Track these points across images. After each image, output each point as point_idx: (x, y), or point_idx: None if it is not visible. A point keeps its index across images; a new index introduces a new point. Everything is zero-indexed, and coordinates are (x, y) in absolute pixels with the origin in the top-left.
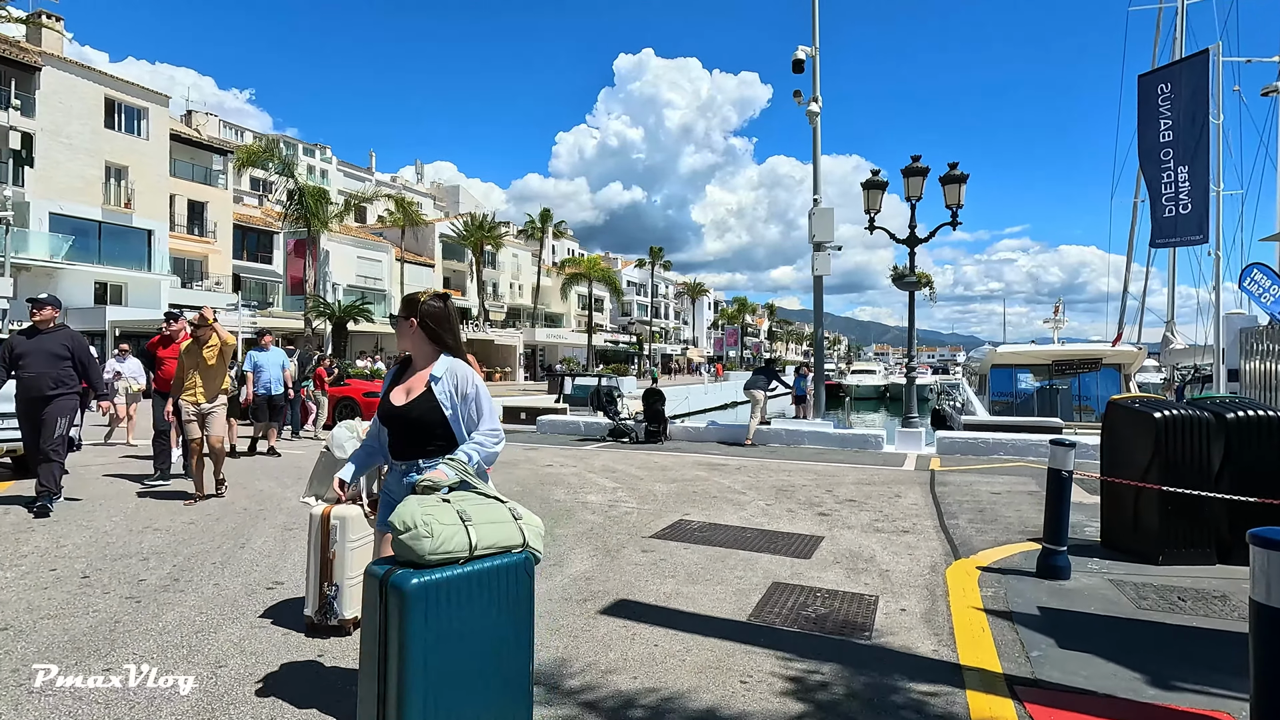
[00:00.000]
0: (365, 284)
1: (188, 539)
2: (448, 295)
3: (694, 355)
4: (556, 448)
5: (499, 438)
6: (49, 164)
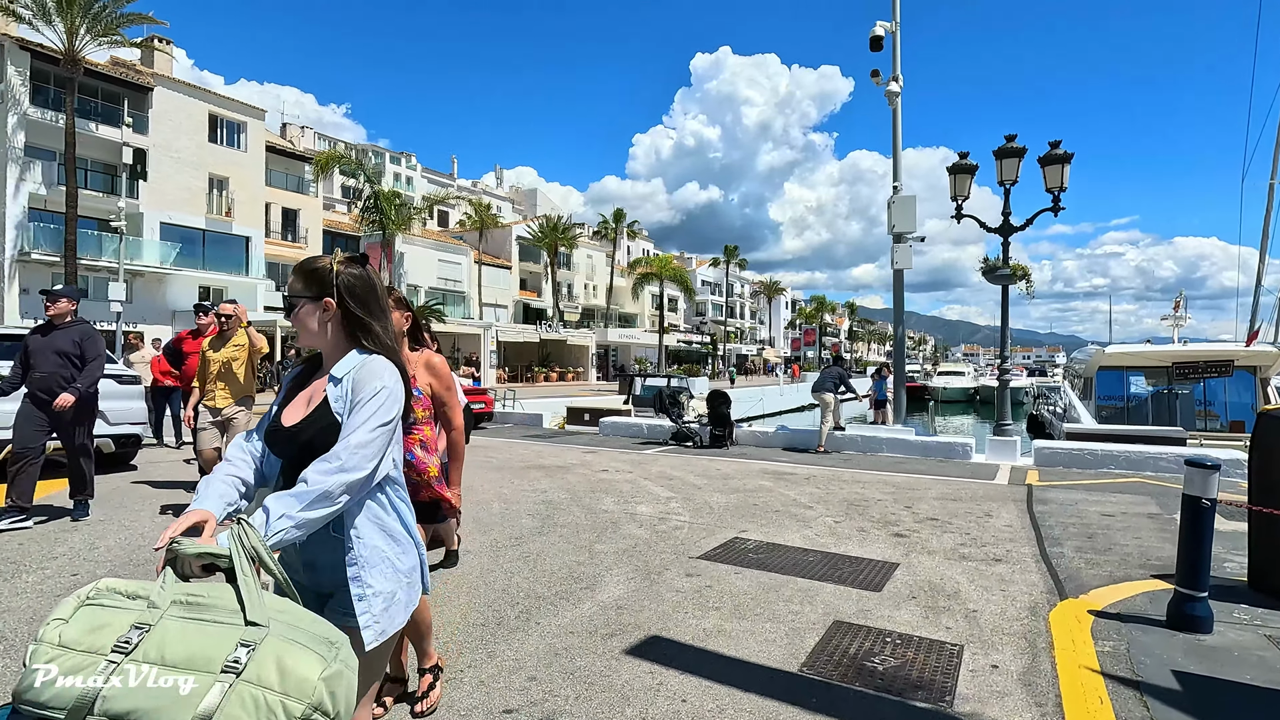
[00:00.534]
0: (446, 286)
1: None
2: (366, 257)
3: (770, 355)
4: (616, 451)
5: (348, 471)
6: (160, 177)
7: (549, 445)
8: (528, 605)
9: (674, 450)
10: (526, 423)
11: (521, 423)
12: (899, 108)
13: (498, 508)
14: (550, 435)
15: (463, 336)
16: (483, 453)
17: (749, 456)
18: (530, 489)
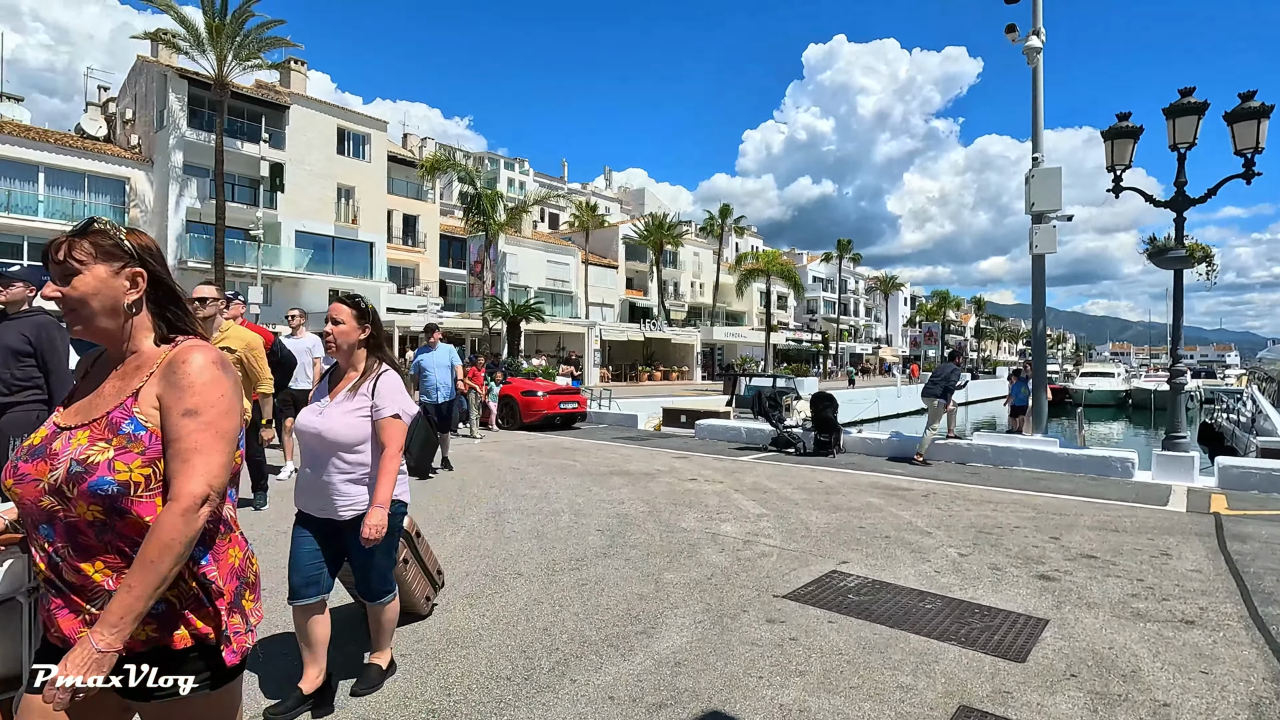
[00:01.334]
0: (554, 286)
1: None
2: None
3: (886, 355)
4: (709, 457)
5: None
6: (295, 188)
7: (639, 449)
8: (568, 653)
9: (773, 458)
10: (621, 423)
11: (616, 423)
12: (1040, 66)
13: (566, 520)
14: (643, 438)
15: (567, 336)
16: (568, 456)
17: (857, 467)
18: (607, 499)
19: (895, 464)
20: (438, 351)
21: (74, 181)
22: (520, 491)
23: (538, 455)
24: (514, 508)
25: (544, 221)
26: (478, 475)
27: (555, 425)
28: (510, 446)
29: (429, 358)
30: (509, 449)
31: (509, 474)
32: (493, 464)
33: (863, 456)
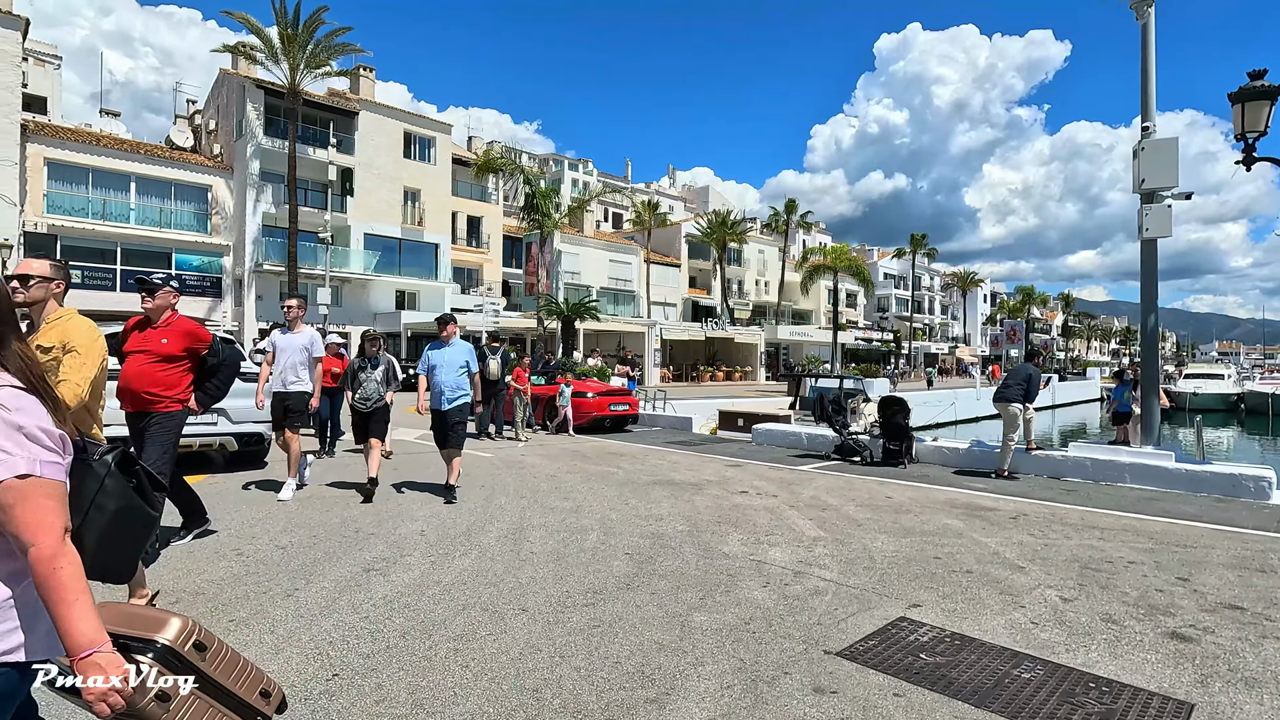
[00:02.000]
0: (616, 286)
1: None
2: None
3: (964, 354)
4: (764, 465)
5: None
6: (364, 192)
7: (690, 455)
8: None
9: (836, 468)
10: (675, 426)
11: (670, 426)
12: (1151, 22)
13: (594, 540)
14: (696, 442)
15: (627, 335)
16: (612, 462)
17: (931, 480)
18: (645, 514)
19: (975, 478)
20: (452, 348)
21: (161, 190)
22: (550, 504)
23: (580, 461)
24: (539, 523)
25: (607, 221)
26: (510, 483)
27: (605, 428)
28: (554, 451)
29: (440, 354)
30: (552, 453)
31: (544, 483)
32: (529, 471)
33: (938, 468)
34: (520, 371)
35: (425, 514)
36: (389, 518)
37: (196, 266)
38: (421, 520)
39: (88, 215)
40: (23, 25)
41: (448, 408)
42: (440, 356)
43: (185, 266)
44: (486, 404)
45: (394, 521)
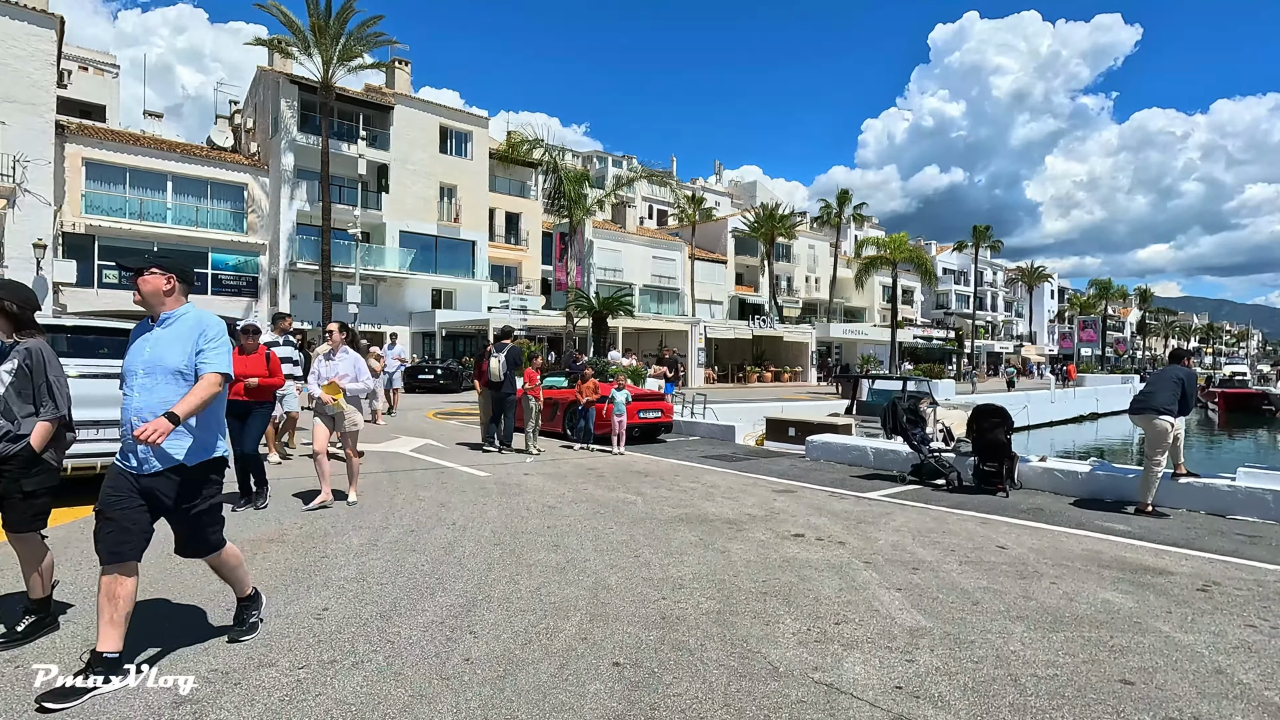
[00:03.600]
0: (659, 283)
1: None
2: None
3: (1030, 353)
4: (823, 492)
5: None
6: (399, 189)
7: (730, 474)
8: None
9: (916, 495)
10: (715, 436)
11: (709, 435)
12: None
13: (572, 631)
14: (739, 456)
15: (670, 334)
16: (632, 485)
17: (1049, 517)
18: (659, 578)
19: (1105, 513)
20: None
21: (198, 189)
22: (531, 557)
23: (593, 484)
24: (502, 595)
25: (651, 218)
26: (491, 520)
27: (634, 438)
28: (566, 469)
29: (139, 346)
30: (562, 473)
31: (535, 519)
32: (524, 500)
33: (1048, 497)
34: (531, 373)
35: (349, 572)
36: (299, 573)
37: (233, 266)
38: (336, 587)
39: (125, 215)
40: (57, 24)
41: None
42: (139, 351)
43: (221, 266)
44: (495, 413)
45: (298, 584)
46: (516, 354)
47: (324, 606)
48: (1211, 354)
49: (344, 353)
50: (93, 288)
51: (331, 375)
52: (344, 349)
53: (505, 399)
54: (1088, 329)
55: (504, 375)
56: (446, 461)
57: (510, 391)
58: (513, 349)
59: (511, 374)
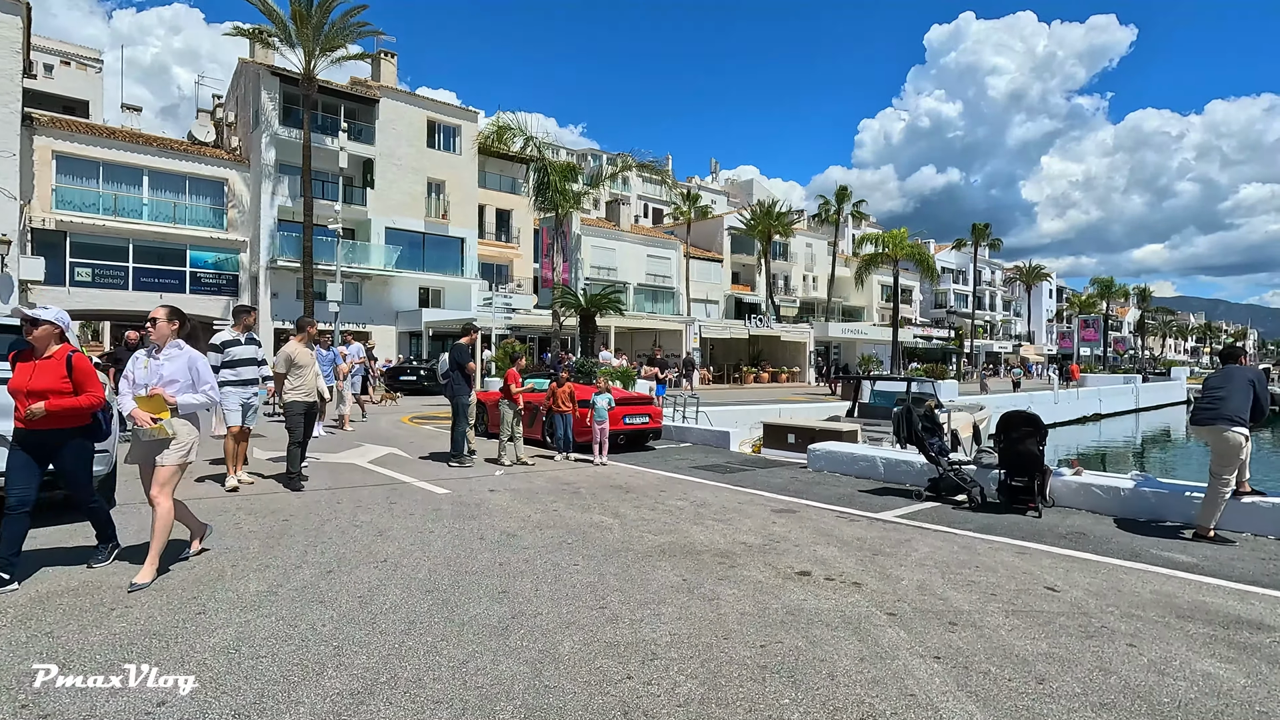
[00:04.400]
0: (654, 282)
1: None
2: None
3: (1029, 353)
4: (830, 512)
5: None
6: (384, 184)
7: (723, 489)
8: None
9: (935, 516)
10: (709, 442)
11: (702, 442)
12: None
13: None
14: (733, 467)
15: (664, 333)
16: (610, 504)
17: (1095, 544)
18: (627, 640)
19: (1159, 538)
20: None
21: (175, 184)
22: (467, 610)
23: (565, 503)
24: (410, 675)
25: (646, 217)
26: (432, 553)
27: (619, 446)
28: (539, 483)
29: None
30: (534, 488)
31: (488, 551)
32: (478, 525)
33: (1087, 517)
34: (513, 374)
35: (221, 639)
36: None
37: (212, 263)
38: (194, 663)
39: (98, 211)
40: (24, 11)
41: None
42: None
43: (200, 263)
44: (466, 415)
45: (145, 657)
46: (460, 351)
47: (160, 700)
48: (1209, 354)
49: (175, 349)
50: (64, 286)
51: (153, 382)
52: (176, 345)
53: (455, 403)
54: (1089, 328)
55: (444, 376)
56: (405, 475)
57: (457, 394)
58: (456, 345)
59: (455, 374)
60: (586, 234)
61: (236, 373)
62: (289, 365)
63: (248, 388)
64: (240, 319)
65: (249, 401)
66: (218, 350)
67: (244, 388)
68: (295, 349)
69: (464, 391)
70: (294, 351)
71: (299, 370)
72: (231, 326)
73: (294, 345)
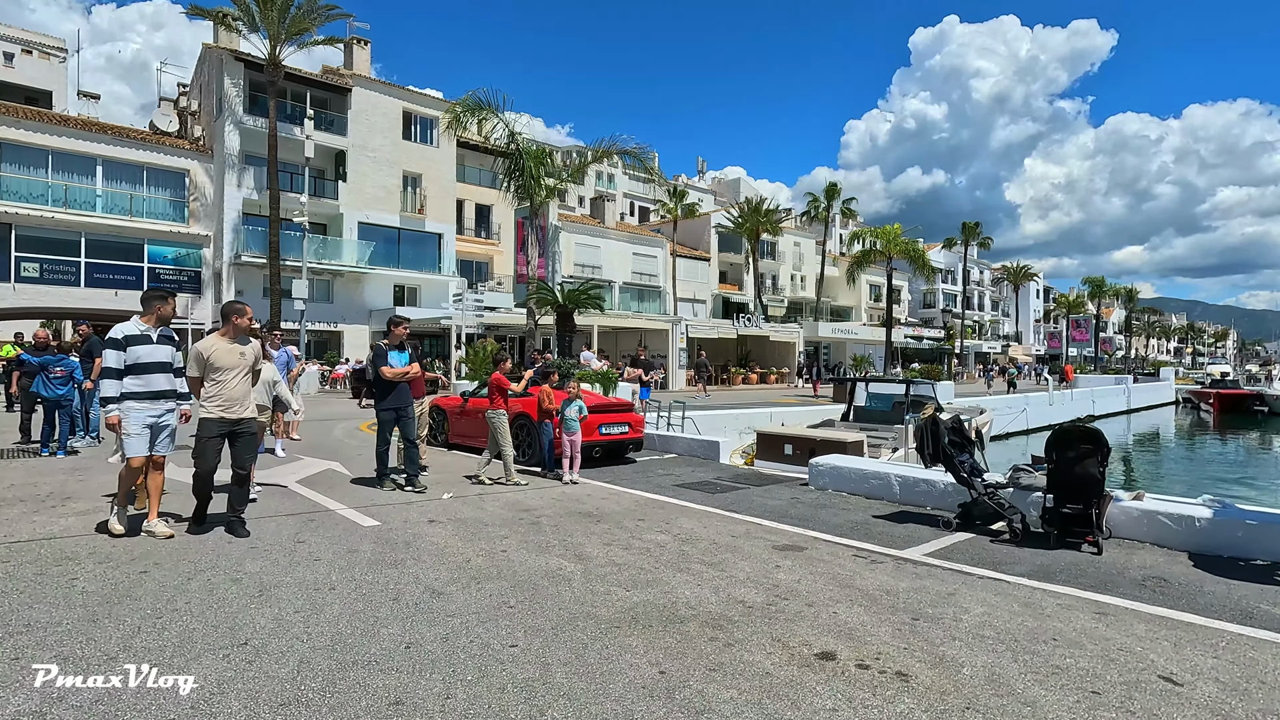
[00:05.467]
0: (640, 281)
1: None
2: None
3: (1018, 353)
4: (845, 550)
5: None
6: (358, 176)
7: (713, 516)
8: None
9: (973, 553)
10: (696, 453)
11: (688, 453)
12: None
13: None
14: (724, 485)
15: (650, 333)
16: (574, 541)
17: (1190, 599)
18: None
19: (1258, 585)
20: None
21: (132, 175)
22: None
23: (520, 538)
24: None
25: (632, 215)
26: (327, 622)
27: (594, 458)
28: (492, 509)
29: None
30: (483, 517)
31: (397, 621)
32: (403, 572)
33: (1156, 553)
34: (499, 378)
35: None
36: None
37: (172, 259)
38: None
39: (47, 202)
40: None
41: None
42: None
43: (159, 259)
44: (385, 430)
45: None
46: (378, 352)
47: None
48: (1191, 354)
49: None
50: (8, 282)
51: None
52: None
53: (378, 413)
54: (1080, 328)
55: (366, 379)
56: (332, 501)
57: (382, 404)
58: (375, 346)
59: (376, 376)
60: (570, 231)
61: (144, 381)
62: (202, 367)
63: (159, 402)
64: (152, 308)
65: (161, 421)
66: (118, 348)
67: (153, 402)
68: (213, 345)
69: (382, 401)
70: (209, 348)
71: (217, 375)
72: (140, 317)
73: (212, 340)
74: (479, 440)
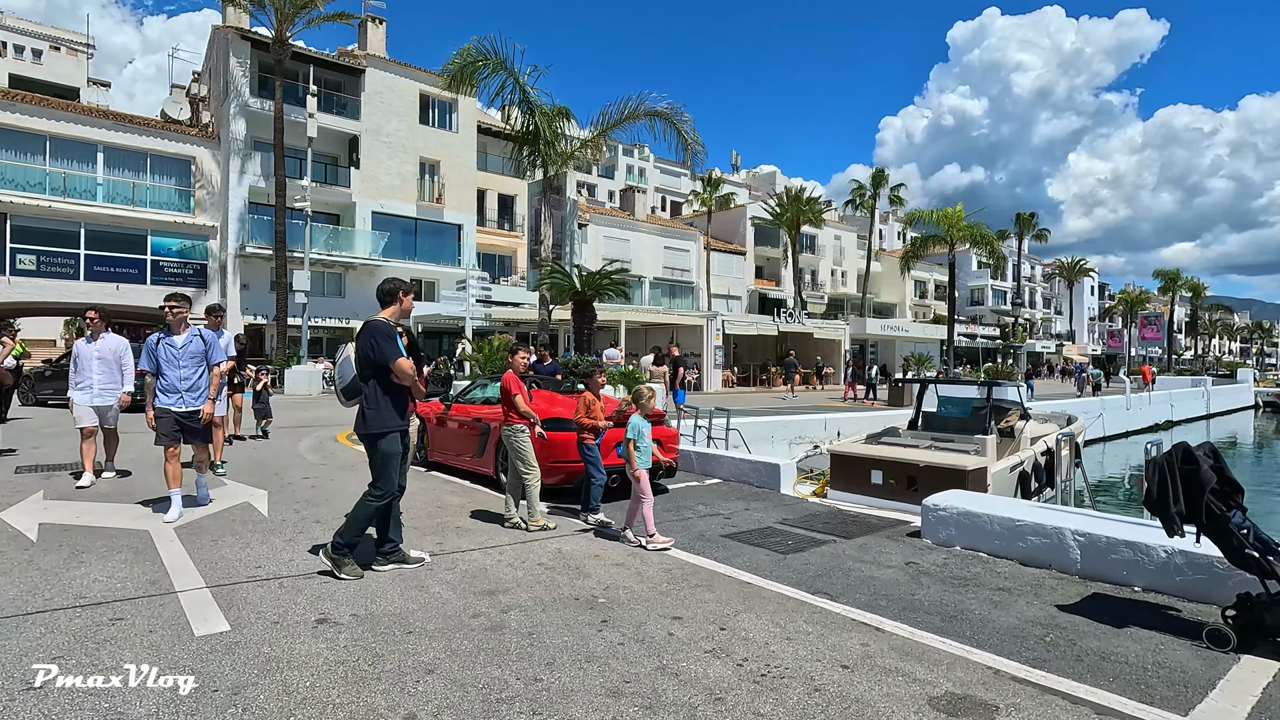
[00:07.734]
0: (672, 276)
1: None
2: None
3: (1072, 352)
4: (1059, 701)
5: None
6: (372, 163)
7: (795, 617)
8: None
9: None
10: (749, 478)
11: (738, 477)
12: None
13: None
14: (796, 536)
15: (682, 329)
16: (561, 677)
17: None
18: None
19: None
20: None
21: (135, 163)
22: None
23: (451, 669)
24: None
25: (664, 210)
26: None
27: (613, 490)
28: (435, 595)
29: None
30: (410, 618)
31: None
32: None
33: None
34: (512, 378)
35: None
36: None
37: (177, 251)
38: None
39: (45, 191)
40: None
41: None
42: None
43: (163, 250)
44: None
45: None
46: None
47: None
48: (1257, 354)
49: None
50: (4, 275)
51: None
52: None
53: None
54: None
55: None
56: (189, 570)
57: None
58: (375, 323)
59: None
60: (598, 223)
61: None
62: None
63: None
64: None
65: None
66: None
67: None
68: None
69: (389, 419)
70: None
71: None
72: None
73: None
74: (462, 459)
